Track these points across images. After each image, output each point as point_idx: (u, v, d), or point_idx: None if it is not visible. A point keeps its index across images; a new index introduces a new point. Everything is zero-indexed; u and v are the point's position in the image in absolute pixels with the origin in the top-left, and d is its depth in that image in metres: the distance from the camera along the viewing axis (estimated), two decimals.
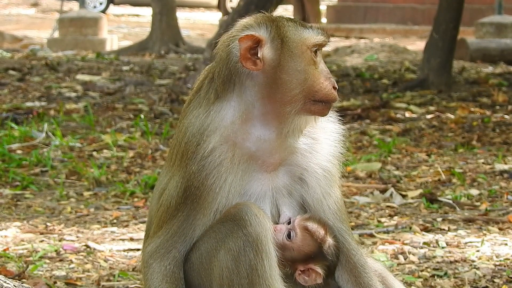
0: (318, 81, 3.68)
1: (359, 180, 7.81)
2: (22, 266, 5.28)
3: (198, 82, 3.86)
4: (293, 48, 3.67)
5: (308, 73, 3.67)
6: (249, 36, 3.64)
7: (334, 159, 3.83)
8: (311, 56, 3.69)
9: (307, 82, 3.66)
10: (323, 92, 3.67)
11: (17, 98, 12.52)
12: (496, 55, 18.48)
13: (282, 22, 3.71)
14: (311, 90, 3.67)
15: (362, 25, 27.81)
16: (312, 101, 3.67)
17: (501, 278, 5.21)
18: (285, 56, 3.66)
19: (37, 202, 7.08)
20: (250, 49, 3.64)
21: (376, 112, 11.45)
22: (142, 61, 18.04)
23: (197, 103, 3.75)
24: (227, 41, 3.72)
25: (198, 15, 35.50)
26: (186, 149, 3.67)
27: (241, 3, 13.93)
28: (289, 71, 3.66)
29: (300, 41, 3.68)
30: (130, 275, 5.23)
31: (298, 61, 3.67)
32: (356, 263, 3.82)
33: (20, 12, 35.16)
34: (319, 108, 3.69)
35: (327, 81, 3.69)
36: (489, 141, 9.64)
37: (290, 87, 3.65)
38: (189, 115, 3.73)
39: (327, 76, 3.70)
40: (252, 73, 3.66)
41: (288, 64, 3.66)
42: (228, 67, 3.69)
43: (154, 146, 9.06)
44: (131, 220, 6.53)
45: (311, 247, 3.74)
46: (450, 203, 6.99)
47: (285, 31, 3.68)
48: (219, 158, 3.64)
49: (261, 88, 3.67)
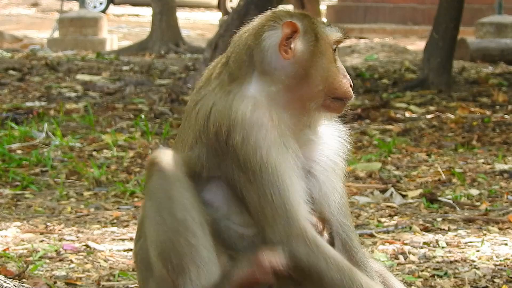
0: (338, 78, 3.74)
1: (359, 180, 7.81)
2: (22, 266, 5.28)
3: (213, 68, 3.84)
4: (322, 45, 3.73)
5: (330, 70, 3.73)
6: (292, 23, 3.70)
7: (340, 155, 3.86)
8: (332, 53, 3.76)
9: (329, 79, 3.72)
10: (342, 90, 3.74)
11: (17, 98, 12.52)
12: (496, 55, 18.48)
13: (312, 17, 3.79)
14: (332, 87, 3.73)
15: (362, 25, 27.80)
16: (331, 98, 3.73)
17: (501, 278, 5.21)
18: (315, 52, 3.71)
19: (37, 202, 7.08)
20: (287, 37, 3.68)
21: (376, 112, 11.45)
22: (142, 61, 18.04)
23: (215, 85, 3.73)
24: (258, 26, 3.74)
25: (198, 15, 35.51)
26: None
27: (241, 3, 13.92)
28: (317, 67, 3.71)
29: (327, 38, 3.75)
30: (130, 275, 5.23)
31: (324, 58, 3.73)
32: (358, 262, 3.81)
33: (20, 12, 35.16)
34: (337, 105, 3.76)
35: (345, 79, 3.76)
36: (489, 141, 9.64)
37: (316, 83, 3.71)
38: (210, 95, 3.71)
39: (344, 74, 3.77)
40: (279, 61, 3.69)
41: (317, 59, 3.71)
42: (254, 53, 3.71)
43: (154, 146, 9.06)
44: (131, 220, 6.53)
45: None
46: (450, 203, 6.99)
47: (317, 27, 3.75)
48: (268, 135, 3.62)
49: (287, 78, 3.69)
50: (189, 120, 3.78)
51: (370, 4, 28.81)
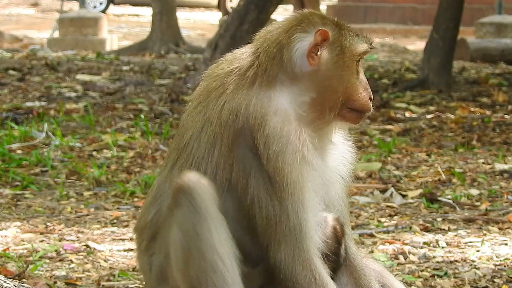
0: (358, 91, 3.76)
1: (359, 180, 7.80)
2: (22, 266, 5.28)
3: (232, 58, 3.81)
4: (347, 57, 3.74)
5: (351, 82, 3.75)
6: (325, 32, 3.70)
7: (348, 164, 3.87)
8: (356, 65, 3.78)
9: (349, 90, 3.74)
10: (361, 102, 3.77)
11: (17, 98, 12.52)
12: (496, 55, 18.47)
13: (343, 26, 3.77)
14: (350, 99, 3.75)
15: (362, 25, 27.79)
16: (348, 109, 3.75)
17: (501, 278, 5.21)
18: (339, 63, 3.73)
19: (37, 202, 7.08)
20: (316, 44, 3.68)
21: (376, 112, 11.44)
22: (142, 61, 18.03)
23: (241, 86, 3.69)
24: (290, 25, 3.73)
25: (198, 15, 35.49)
26: None
27: (241, 3, 13.90)
28: (339, 78, 3.73)
29: (353, 51, 3.76)
30: (130, 275, 5.23)
31: (347, 70, 3.74)
32: (356, 267, 3.84)
33: (20, 12, 35.15)
34: (354, 116, 3.78)
35: (365, 92, 3.78)
36: (489, 141, 9.64)
37: (336, 93, 3.72)
38: (241, 94, 3.66)
39: (365, 87, 3.79)
40: (304, 66, 3.70)
41: (339, 71, 3.73)
42: (284, 51, 3.70)
43: (154, 146, 9.05)
44: (131, 220, 6.53)
45: (331, 247, 3.77)
46: (450, 203, 6.99)
47: (344, 39, 3.74)
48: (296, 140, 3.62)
49: (312, 86, 3.70)
50: (203, 112, 3.70)
51: (370, 4, 28.81)
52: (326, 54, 3.71)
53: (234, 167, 3.62)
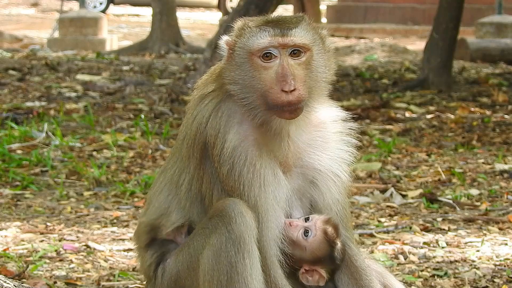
0: (267, 86, 3.66)
1: (359, 180, 7.80)
2: (22, 266, 5.28)
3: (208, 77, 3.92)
4: (246, 56, 3.70)
5: (256, 79, 3.68)
6: (228, 42, 3.78)
7: (343, 163, 3.84)
8: (261, 61, 3.68)
9: (258, 87, 3.68)
10: (271, 97, 3.64)
11: (17, 98, 12.52)
12: (496, 55, 18.48)
13: (245, 27, 3.73)
14: (264, 95, 3.66)
15: (362, 25, 27.79)
16: (268, 106, 3.67)
17: (501, 278, 5.21)
18: (239, 63, 3.72)
19: (37, 202, 7.08)
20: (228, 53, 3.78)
21: (376, 112, 11.45)
22: (142, 61, 18.03)
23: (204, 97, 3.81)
24: None
25: (198, 15, 35.49)
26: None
27: (241, 3, 13.91)
28: (243, 77, 3.70)
29: (250, 49, 3.70)
30: (130, 275, 5.23)
31: (250, 68, 3.70)
32: (358, 267, 3.83)
33: (20, 12, 35.16)
34: (280, 112, 3.65)
35: (276, 86, 3.64)
36: (489, 141, 9.64)
37: (251, 92, 3.69)
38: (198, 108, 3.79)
39: (279, 80, 3.64)
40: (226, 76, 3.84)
41: (242, 71, 3.70)
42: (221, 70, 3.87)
43: (154, 146, 9.06)
44: (131, 220, 6.53)
45: (324, 250, 3.75)
46: (450, 203, 6.99)
47: (240, 41, 3.73)
48: (246, 155, 3.66)
49: (237, 89, 3.78)
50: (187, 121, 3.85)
51: (370, 4, 28.79)
52: (232, 58, 3.74)
53: (204, 179, 3.70)
